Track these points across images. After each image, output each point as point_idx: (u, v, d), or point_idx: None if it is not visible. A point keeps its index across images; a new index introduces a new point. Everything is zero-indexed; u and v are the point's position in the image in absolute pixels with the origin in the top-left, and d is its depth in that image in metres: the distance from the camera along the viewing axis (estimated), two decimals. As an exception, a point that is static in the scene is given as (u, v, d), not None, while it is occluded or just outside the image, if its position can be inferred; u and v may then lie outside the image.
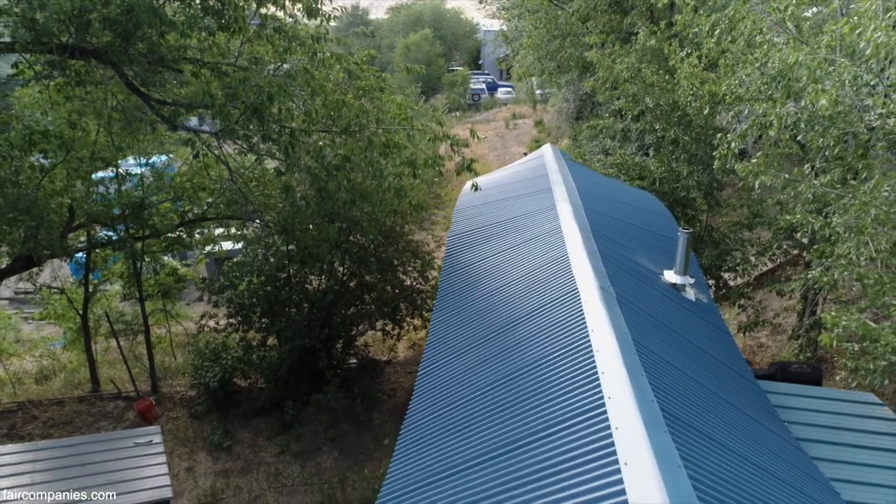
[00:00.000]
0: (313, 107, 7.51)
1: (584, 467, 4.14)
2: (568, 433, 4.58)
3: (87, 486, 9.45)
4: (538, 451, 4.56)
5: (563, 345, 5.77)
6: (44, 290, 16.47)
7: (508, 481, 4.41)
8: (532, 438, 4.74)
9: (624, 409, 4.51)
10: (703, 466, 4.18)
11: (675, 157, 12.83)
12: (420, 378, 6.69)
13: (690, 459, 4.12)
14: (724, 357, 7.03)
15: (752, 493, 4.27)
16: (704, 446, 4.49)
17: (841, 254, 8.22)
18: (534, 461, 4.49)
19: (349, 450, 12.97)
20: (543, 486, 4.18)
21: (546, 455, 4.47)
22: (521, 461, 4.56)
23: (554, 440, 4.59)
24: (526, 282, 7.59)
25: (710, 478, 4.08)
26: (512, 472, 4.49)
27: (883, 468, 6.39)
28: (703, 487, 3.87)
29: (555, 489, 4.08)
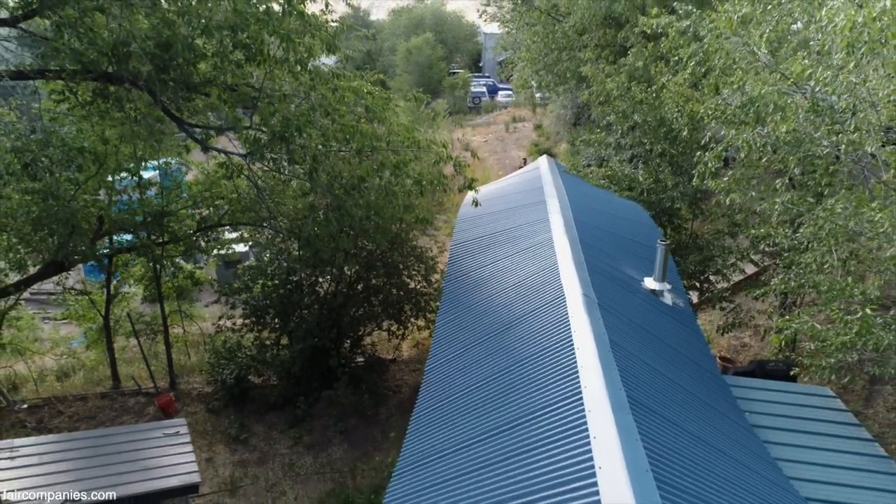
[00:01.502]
0: (332, 132, 8.58)
1: (563, 441, 5.23)
2: (552, 415, 5.66)
3: (122, 472, 10.52)
4: (528, 430, 5.66)
5: (549, 344, 6.85)
6: (67, 294, 17.58)
7: (505, 454, 5.50)
8: (523, 420, 5.83)
9: (597, 396, 5.59)
10: (658, 441, 5.26)
11: (662, 169, 13.90)
12: (428, 371, 7.78)
13: (647, 435, 5.20)
14: (693, 355, 8.12)
15: (698, 463, 5.36)
16: (661, 425, 5.58)
17: (808, 262, 9.31)
18: (525, 437, 5.58)
19: (358, 442, 14.05)
20: (533, 456, 5.27)
21: (534, 432, 5.56)
22: (515, 437, 5.65)
23: (540, 421, 5.68)
24: (520, 289, 8.68)
25: (662, 450, 5.16)
26: (508, 446, 5.58)
27: (827, 451, 7.48)
28: (654, 456, 4.96)
29: (541, 458, 5.17)
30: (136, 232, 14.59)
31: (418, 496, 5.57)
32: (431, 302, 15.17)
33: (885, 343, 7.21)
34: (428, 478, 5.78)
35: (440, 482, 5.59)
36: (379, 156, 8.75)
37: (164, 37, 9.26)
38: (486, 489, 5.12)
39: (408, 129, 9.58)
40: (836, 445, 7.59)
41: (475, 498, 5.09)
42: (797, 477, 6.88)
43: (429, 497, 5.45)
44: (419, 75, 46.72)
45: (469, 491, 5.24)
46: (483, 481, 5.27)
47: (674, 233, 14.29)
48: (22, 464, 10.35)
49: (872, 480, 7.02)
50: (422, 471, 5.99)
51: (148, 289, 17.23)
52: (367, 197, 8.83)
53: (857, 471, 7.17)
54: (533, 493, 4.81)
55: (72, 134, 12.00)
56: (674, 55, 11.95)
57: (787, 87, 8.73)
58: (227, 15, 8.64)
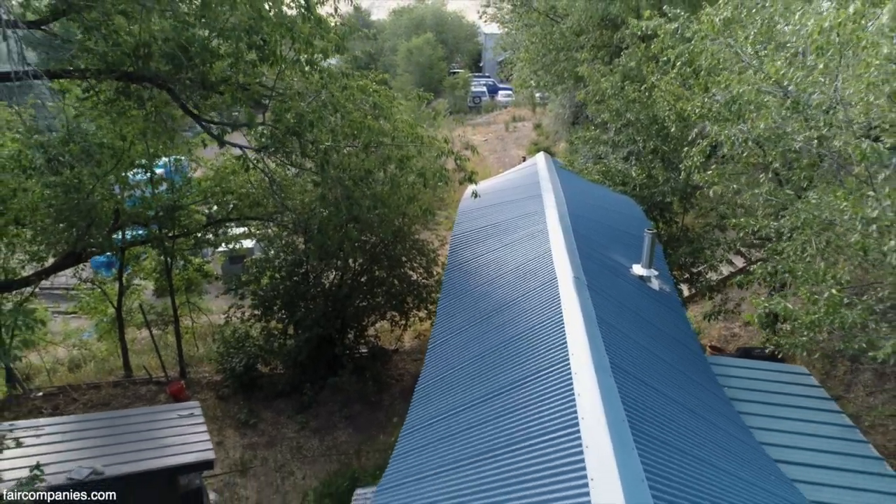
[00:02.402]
0: (341, 127, 9.32)
1: (550, 401, 5.95)
2: (542, 380, 6.39)
3: (142, 448, 11.25)
4: (520, 392, 6.39)
5: (542, 319, 7.58)
6: (79, 286, 18.33)
7: (498, 413, 6.24)
8: (516, 384, 6.56)
9: (583, 362, 6.31)
10: (635, 398, 5.98)
11: (654, 165, 14.62)
12: (431, 348, 8.52)
13: (626, 393, 5.93)
14: (675, 334, 8.84)
15: (672, 419, 6.08)
16: (640, 387, 6.30)
17: (786, 250, 10.03)
18: (516, 399, 6.31)
19: (362, 427, 14.78)
20: (523, 413, 6.00)
21: (525, 394, 6.29)
22: (507, 399, 6.38)
23: (530, 385, 6.41)
24: (515, 274, 9.41)
25: (639, 406, 5.89)
26: (501, 406, 6.31)
27: (797, 420, 8.21)
28: (631, 410, 5.67)
29: (530, 414, 5.89)
30: (149, 225, 15.32)
31: (423, 450, 6.30)
32: (433, 293, 15.91)
33: (849, 321, 7.93)
34: (431, 435, 6.51)
35: (442, 438, 6.32)
36: (385, 150, 9.47)
37: (182, 38, 9.99)
38: (482, 441, 5.85)
39: (411, 126, 10.32)
40: (805, 416, 8.31)
41: (472, 448, 5.82)
42: (767, 442, 7.59)
43: (433, 450, 6.18)
44: (420, 75, 47.48)
45: (467, 444, 5.97)
46: (479, 436, 6.00)
47: (665, 226, 15.01)
48: (48, 441, 11.09)
49: (836, 445, 7.74)
50: (426, 431, 6.72)
51: (158, 281, 17.95)
52: (374, 188, 9.55)
53: (823, 438, 7.89)
54: (522, 441, 5.54)
55: (91, 130, 12.72)
56: (663, 56, 12.68)
57: (769, 86, 9.45)
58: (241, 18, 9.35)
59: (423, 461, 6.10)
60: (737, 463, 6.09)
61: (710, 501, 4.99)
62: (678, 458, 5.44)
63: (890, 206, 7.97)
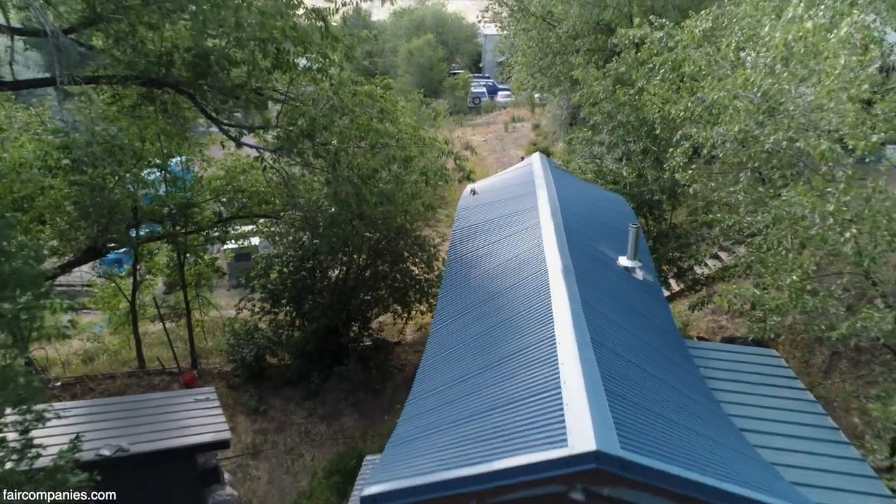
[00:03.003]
0: (350, 130, 10.26)
1: (537, 369, 6.88)
2: (530, 353, 7.32)
3: (162, 429, 12.17)
4: (511, 365, 7.32)
5: (532, 303, 8.52)
6: (93, 282, 19.27)
7: (491, 382, 7.16)
8: (507, 358, 7.50)
9: (567, 338, 7.23)
10: (611, 369, 6.91)
11: (644, 165, 15.55)
12: (434, 331, 9.46)
13: (604, 365, 6.85)
14: (655, 318, 9.77)
15: (645, 387, 7.01)
16: (616, 360, 7.23)
17: (759, 244, 10.97)
18: (507, 370, 7.24)
19: (367, 413, 15.71)
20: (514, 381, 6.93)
21: (515, 366, 7.22)
22: (500, 371, 7.31)
23: (522, 357, 7.34)
24: (510, 264, 10.35)
25: (613, 374, 6.81)
26: (495, 377, 7.24)
27: (766, 396, 9.14)
28: (608, 378, 6.59)
29: (520, 381, 6.83)
30: (164, 222, 16.26)
31: (426, 414, 7.23)
32: (433, 288, 16.83)
33: (810, 305, 8.86)
34: (434, 402, 7.44)
35: (443, 404, 7.26)
36: (390, 151, 10.42)
37: (202, 48, 10.93)
38: (479, 403, 6.79)
39: (414, 128, 11.26)
40: (772, 392, 9.24)
41: (470, 410, 6.75)
42: (736, 413, 8.52)
43: (436, 413, 7.11)
44: (420, 76, 48.46)
45: (465, 407, 6.90)
46: (476, 400, 6.93)
47: (655, 223, 15.95)
48: (74, 422, 12.00)
49: (798, 417, 8.68)
50: (429, 399, 7.65)
51: (171, 276, 18.87)
52: (380, 186, 10.49)
53: (787, 411, 8.83)
54: (514, 402, 6.46)
55: (112, 132, 13.65)
56: (651, 62, 13.63)
57: (746, 91, 10.37)
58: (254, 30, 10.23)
59: (427, 422, 7.03)
60: (702, 425, 7.01)
61: (673, 451, 5.90)
62: (647, 416, 6.36)
63: (847, 202, 8.92)
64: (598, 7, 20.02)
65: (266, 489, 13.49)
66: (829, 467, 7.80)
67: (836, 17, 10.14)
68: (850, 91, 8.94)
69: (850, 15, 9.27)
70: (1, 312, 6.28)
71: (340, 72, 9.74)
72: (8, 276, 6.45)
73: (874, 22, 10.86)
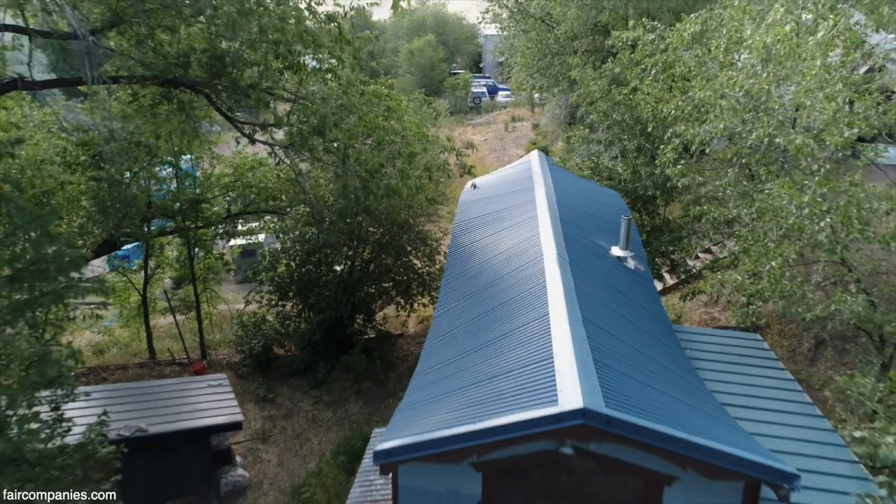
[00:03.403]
0: (358, 128, 10.98)
1: (532, 343, 7.61)
2: (526, 329, 8.04)
3: (179, 412, 12.90)
4: (506, 343, 8.04)
5: (528, 288, 9.25)
6: (104, 276, 19.97)
7: (489, 355, 7.89)
8: (503, 336, 8.23)
9: (559, 316, 7.95)
10: (599, 343, 7.63)
11: (638, 161, 16.28)
12: (437, 315, 10.18)
13: (593, 339, 7.57)
14: (644, 302, 10.49)
15: (627, 357, 7.73)
16: (604, 335, 7.95)
17: (751, 236, 11.69)
18: (503, 348, 7.96)
19: (372, 400, 16.43)
20: (510, 356, 7.66)
21: (514, 339, 7.95)
22: (497, 348, 8.04)
23: (518, 334, 8.06)
24: (508, 253, 11.08)
25: (601, 347, 7.54)
26: (492, 352, 7.96)
27: (748, 375, 9.87)
28: (595, 349, 7.32)
29: (516, 355, 7.55)
30: (175, 217, 16.97)
31: (431, 385, 7.95)
32: (435, 281, 17.55)
33: (788, 290, 9.58)
34: (437, 375, 8.17)
35: (446, 376, 7.98)
36: (395, 147, 11.15)
37: (218, 50, 11.66)
38: (480, 373, 7.51)
39: (418, 126, 11.99)
40: (755, 371, 9.96)
41: (471, 378, 7.48)
42: (719, 390, 9.24)
43: (440, 384, 7.83)
44: (421, 76, 49.22)
45: (467, 377, 7.63)
46: (477, 370, 7.66)
47: (649, 218, 16.68)
48: (96, 404, 12.71)
49: (779, 394, 9.41)
50: (433, 373, 8.38)
51: (180, 270, 19.58)
52: (386, 180, 11.22)
53: (769, 388, 9.55)
54: (509, 370, 7.19)
55: (129, 130, 14.37)
56: (643, 63, 14.37)
57: (731, 91, 11.09)
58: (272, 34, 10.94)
59: (431, 391, 7.76)
60: (682, 393, 7.73)
61: (653, 412, 6.62)
62: (631, 383, 7.09)
63: (824, 194, 9.65)
64: (595, 9, 20.77)
65: (276, 471, 14.20)
66: (802, 437, 8.52)
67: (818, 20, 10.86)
68: (825, 90, 9.66)
69: (827, 19, 10.00)
70: (45, 290, 6.99)
71: (352, 72, 10.45)
72: (52, 258, 7.16)
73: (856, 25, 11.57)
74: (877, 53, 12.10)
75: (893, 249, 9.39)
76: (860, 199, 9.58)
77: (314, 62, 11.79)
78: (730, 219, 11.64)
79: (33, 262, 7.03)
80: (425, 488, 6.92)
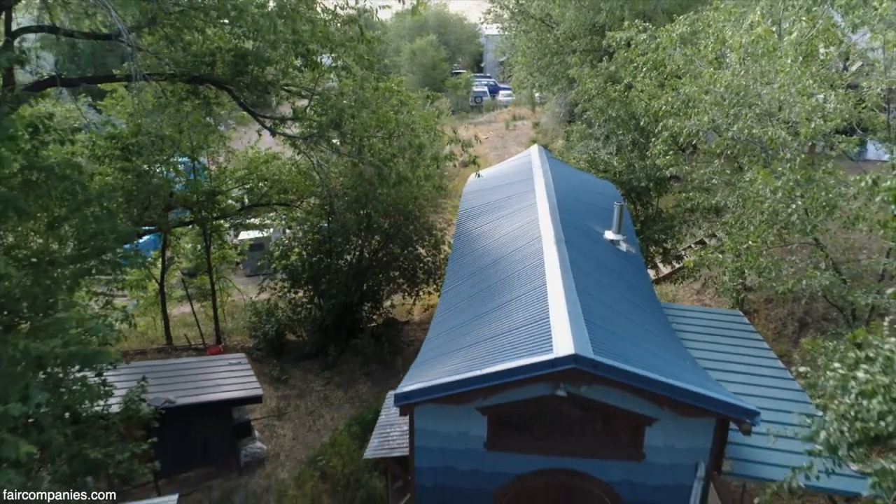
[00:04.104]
0: (372, 120, 12.12)
1: (531, 308, 8.72)
2: (525, 298, 9.16)
3: (203, 386, 13.99)
4: (513, 305, 9.16)
5: (527, 264, 10.38)
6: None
7: (492, 319, 9.01)
8: (509, 301, 9.35)
9: (555, 287, 9.06)
10: (591, 309, 8.75)
11: (633, 155, 17.42)
12: (444, 292, 11.30)
13: (586, 306, 8.68)
14: (633, 280, 11.60)
15: (615, 321, 8.85)
16: (596, 303, 9.07)
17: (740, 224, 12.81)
18: (510, 308, 9.08)
19: (380, 381, 17.54)
20: (515, 316, 8.77)
21: (515, 306, 9.07)
22: (505, 310, 9.16)
23: (519, 301, 9.18)
24: (510, 236, 12.21)
25: (592, 312, 8.65)
26: (495, 318, 9.09)
27: (727, 344, 10.99)
28: (587, 313, 8.43)
29: (520, 314, 8.67)
30: (193, 208, 18.09)
31: (441, 346, 9.08)
32: (440, 268, 18.68)
33: (763, 267, 10.71)
34: (445, 338, 9.29)
35: (454, 338, 9.11)
36: (405, 139, 12.29)
37: (241, 49, 12.80)
38: (484, 332, 8.64)
39: (426, 119, 13.12)
40: (733, 341, 11.09)
41: (476, 337, 8.60)
42: (700, 357, 10.36)
43: (448, 345, 8.96)
44: (423, 75, 50.41)
45: (473, 336, 8.75)
46: (482, 330, 8.79)
47: (642, 209, 17.80)
48: (125, 380, 13.82)
49: (754, 360, 10.54)
50: (442, 337, 9.50)
51: (195, 260, 20.69)
52: (397, 168, 12.37)
53: (745, 355, 10.68)
54: (511, 329, 8.31)
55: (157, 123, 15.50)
56: (636, 61, 15.51)
57: (715, 87, 12.20)
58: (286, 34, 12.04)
59: (442, 350, 8.88)
60: (661, 349, 8.85)
61: (636, 361, 7.73)
62: (616, 338, 8.22)
63: (797, 180, 10.77)
64: (593, 10, 21.94)
65: (291, 444, 15.31)
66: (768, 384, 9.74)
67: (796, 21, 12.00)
68: (798, 86, 10.79)
69: (800, 21, 11.13)
70: (106, 260, 8.12)
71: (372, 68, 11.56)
72: (110, 231, 8.29)
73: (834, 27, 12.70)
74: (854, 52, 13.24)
75: (860, 230, 10.49)
76: (829, 184, 10.70)
77: (329, 60, 12.92)
78: (717, 207, 12.75)
79: (95, 233, 8.14)
80: (437, 430, 8.04)
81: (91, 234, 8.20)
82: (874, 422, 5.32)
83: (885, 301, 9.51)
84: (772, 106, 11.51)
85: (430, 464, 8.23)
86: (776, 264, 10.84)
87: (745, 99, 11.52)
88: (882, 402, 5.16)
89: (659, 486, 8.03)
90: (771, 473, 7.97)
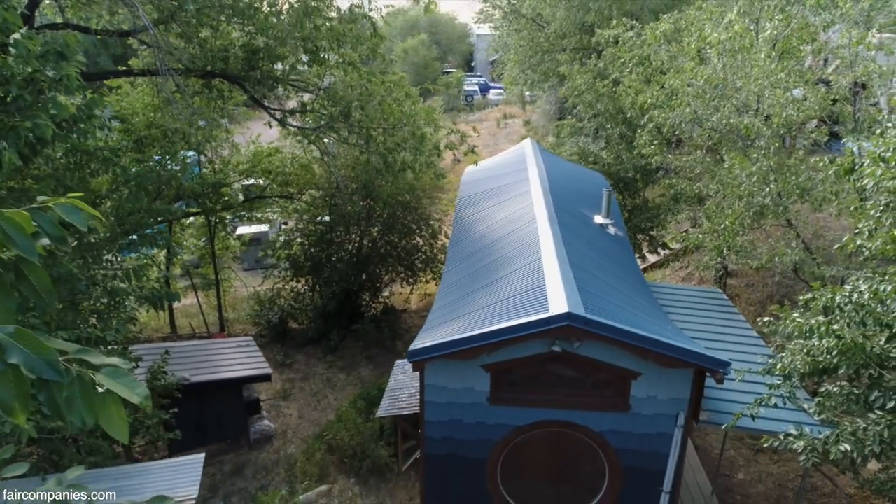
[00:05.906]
0: (377, 111, 13.14)
1: (528, 278, 9.76)
2: (523, 270, 10.20)
3: (215, 365, 14.93)
4: (513, 277, 10.20)
5: (524, 243, 11.42)
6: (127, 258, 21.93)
7: (498, 288, 10.04)
8: (508, 274, 10.39)
9: (549, 260, 10.10)
10: (583, 279, 9.80)
11: (620, 147, 18.53)
12: (446, 272, 12.33)
13: (578, 276, 9.73)
14: (621, 259, 12.69)
15: (604, 289, 9.91)
16: (587, 274, 10.13)
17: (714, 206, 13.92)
18: (510, 279, 10.11)
19: (381, 364, 18.52)
20: (515, 286, 9.81)
21: (514, 278, 10.11)
22: (504, 282, 10.19)
23: (517, 273, 10.22)
24: (506, 219, 13.27)
25: (584, 282, 9.70)
26: (499, 285, 10.12)
27: (709, 318, 12.08)
28: (580, 282, 9.47)
29: (519, 284, 9.71)
30: (199, 199, 19.00)
31: (444, 316, 10.10)
32: (438, 257, 19.70)
33: (739, 245, 11.81)
34: (449, 308, 10.31)
35: (457, 308, 10.13)
36: (408, 129, 13.32)
37: (252, 46, 13.78)
38: (486, 301, 9.67)
39: (428, 112, 14.16)
40: (712, 313, 12.18)
41: (478, 305, 9.63)
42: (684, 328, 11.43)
43: (450, 314, 9.99)
44: (415, 74, 51.41)
45: (475, 305, 9.78)
46: (483, 300, 9.82)
47: (630, 199, 18.91)
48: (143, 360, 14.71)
49: (730, 329, 11.63)
50: (446, 308, 10.52)
51: (200, 250, 21.60)
52: (401, 156, 13.40)
53: (722, 325, 11.77)
54: (511, 295, 9.34)
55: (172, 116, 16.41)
56: (622, 58, 16.62)
57: (697, 81, 13.31)
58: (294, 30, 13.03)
59: (448, 317, 9.90)
60: (645, 313, 9.92)
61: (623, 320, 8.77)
62: (605, 302, 9.27)
63: (771, 166, 11.89)
64: (582, 10, 23.08)
65: (298, 422, 16.27)
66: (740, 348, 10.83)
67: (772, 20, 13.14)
68: (770, 79, 11.92)
69: (773, 19, 12.27)
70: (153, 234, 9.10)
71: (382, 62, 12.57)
72: (146, 210, 9.26)
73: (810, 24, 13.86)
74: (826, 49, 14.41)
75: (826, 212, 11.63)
76: (800, 170, 11.83)
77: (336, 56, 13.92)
78: (700, 195, 13.88)
79: (132, 211, 9.09)
80: (446, 385, 9.06)
81: (128, 212, 9.15)
82: (822, 356, 6.41)
83: (847, 273, 10.63)
84: (749, 98, 12.63)
85: (439, 417, 9.24)
86: (751, 243, 11.96)
87: (724, 92, 12.64)
88: (826, 337, 6.24)
89: (644, 434, 9.08)
90: (741, 422, 9.04)
